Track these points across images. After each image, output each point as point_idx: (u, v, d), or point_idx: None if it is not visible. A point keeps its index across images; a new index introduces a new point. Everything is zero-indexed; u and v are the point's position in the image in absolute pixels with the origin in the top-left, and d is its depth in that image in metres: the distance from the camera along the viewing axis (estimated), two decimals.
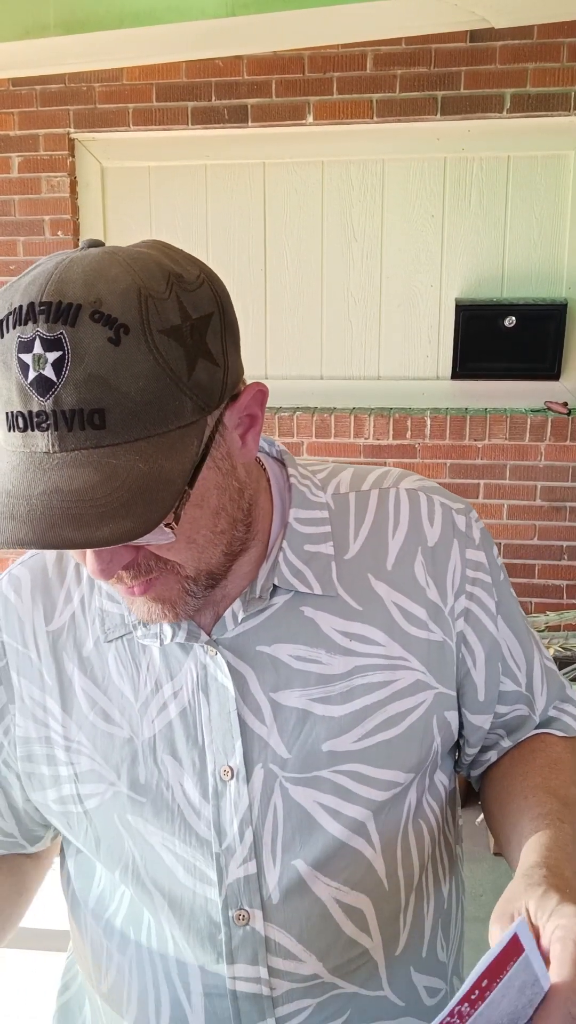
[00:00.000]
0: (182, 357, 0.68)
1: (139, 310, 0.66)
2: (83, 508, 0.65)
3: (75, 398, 0.65)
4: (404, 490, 0.90)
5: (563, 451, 3.28)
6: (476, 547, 0.89)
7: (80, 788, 0.87)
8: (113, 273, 0.67)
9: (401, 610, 0.86)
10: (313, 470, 0.93)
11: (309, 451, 3.41)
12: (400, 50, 3.11)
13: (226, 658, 0.83)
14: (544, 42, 3.04)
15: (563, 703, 0.97)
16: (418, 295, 3.41)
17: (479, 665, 0.89)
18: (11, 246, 3.49)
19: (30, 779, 0.90)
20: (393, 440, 3.35)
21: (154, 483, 0.67)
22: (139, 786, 0.85)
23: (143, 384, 0.66)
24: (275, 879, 0.83)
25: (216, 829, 0.83)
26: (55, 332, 0.65)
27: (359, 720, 0.83)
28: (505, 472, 3.33)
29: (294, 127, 3.25)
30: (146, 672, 0.86)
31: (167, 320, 0.67)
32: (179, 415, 0.69)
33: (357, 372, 3.50)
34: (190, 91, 3.26)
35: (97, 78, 3.30)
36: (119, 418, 0.66)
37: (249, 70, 3.21)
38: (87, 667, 0.87)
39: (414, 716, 0.85)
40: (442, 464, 3.35)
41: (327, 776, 0.83)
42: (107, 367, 0.65)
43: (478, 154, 3.26)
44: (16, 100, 3.38)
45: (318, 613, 0.84)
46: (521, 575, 3.41)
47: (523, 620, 0.94)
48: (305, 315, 3.48)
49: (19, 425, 0.67)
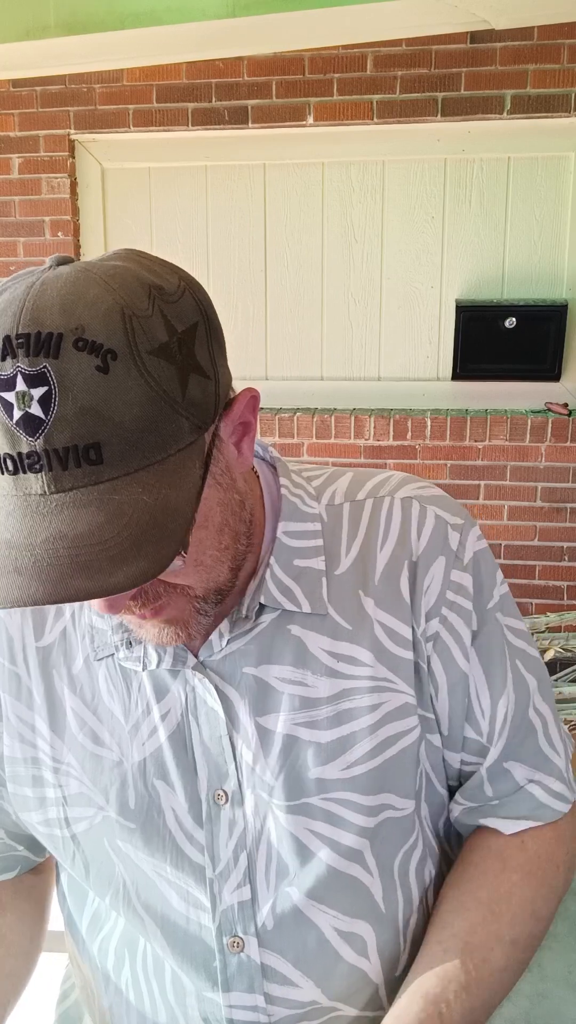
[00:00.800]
0: (174, 376, 0.64)
1: (125, 332, 0.62)
2: (92, 553, 0.60)
3: (67, 434, 0.60)
4: (399, 499, 0.85)
5: (563, 452, 3.27)
6: (463, 568, 0.82)
7: (68, 812, 0.84)
8: (92, 294, 0.62)
9: (386, 629, 0.81)
10: (309, 476, 0.88)
11: (309, 452, 3.40)
12: (400, 51, 3.11)
13: (213, 681, 0.80)
14: (544, 43, 3.05)
15: (545, 776, 0.85)
16: (418, 296, 3.41)
17: (441, 696, 0.82)
18: (11, 247, 3.49)
19: (14, 799, 0.88)
20: (393, 441, 3.34)
21: (162, 516, 0.63)
22: (128, 811, 0.82)
23: (137, 411, 0.62)
24: (269, 906, 0.80)
25: (210, 854, 0.81)
26: (38, 366, 0.60)
27: (347, 746, 0.79)
28: (505, 473, 3.33)
29: (294, 128, 3.25)
30: (137, 693, 0.82)
31: (154, 339, 0.63)
32: (177, 438, 0.65)
33: (357, 373, 3.50)
34: (190, 92, 3.26)
35: (97, 79, 3.30)
36: (116, 450, 0.62)
37: (249, 71, 3.21)
38: (77, 686, 0.84)
39: (406, 740, 0.81)
40: (442, 465, 3.35)
41: (317, 804, 0.79)
42: (98, 398, 0.61)
43: (478, 155, 3.26)
44: (16, 101, 3.38)
45: (306, 632, 0.80)
46: (522, 576, 3.41)
47: (505, 662, 0.84)
48: (305, 316, 3.48)
49: (8, 468, 0.62)
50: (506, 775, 0.84)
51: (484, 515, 3.37)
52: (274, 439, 3.41)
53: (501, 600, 0.85)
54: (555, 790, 0.85)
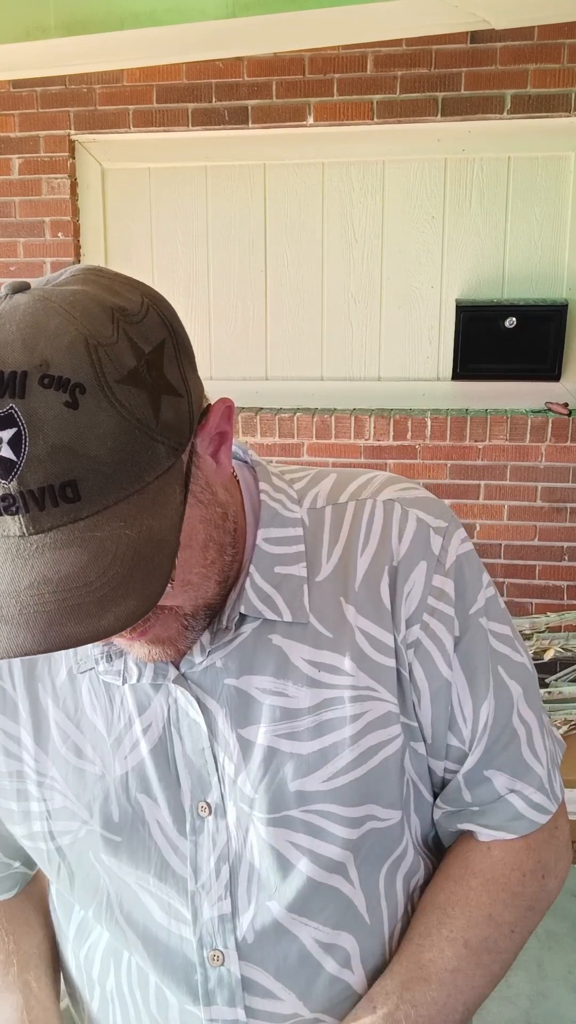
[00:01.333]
0: (146, 402, 0.62)
1: (92, 364, 0.60)
2: (79, 596, 0.59)
3: (41, 474, 0.59)
4: (381, 501, 0.82)
5: (564, 452, 3.27)
6: (445, 573, 0.80)
7: (52, 825, 0.84)
8: (53, 326, 0.60)
9: (367, 636, 0.79)
10: (291, 479, 0.86)
11: (309, 452, 3.41)
12: (400, 51, 3.11)
13: (195, 693, 0.79)
14: (544, 43, 3.04)
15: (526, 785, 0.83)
16: (418, 296, 3.41)
17: (424, 704, 0.81)
18: (12, 248, 3.49)
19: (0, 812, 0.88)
20: (394, 441, 3.34)
21: (146, 548, 0.62)
22: (112, 824, 0.81)
23: (112, 444, 0.60)
24: (249, 919, 0.80)
25: (192, 866, 0.80)
26: (4, 407, 0.58)
27: (328, 758, 0.78)
28: (506, 473, 3.33)
29: (295, 128, 3.25)
30: (120, 706, 0.81)
31: (122, 366, 0.61)
32: (154, 464, 0.63)
33: (357, 373, 3.50)
34: (190, 92, 3.26)
35: (97, 80, 3.30)
36: (93, 485, 0.60)
37: (249, 71, 3.21)
38: (60, 699, 0.83)
39: (389, 750, 0.79)
40: (443, 465, 3.35)
41: (298, 816, 0.78)
42: (70, 435, 0.59)
43: (478, 155, 3.26)
44: (16, 102, 3.38)
45: (287, 642, 0.78)
46: (522, 576, 3.41)
47: (488, 668, 0.82)
48: (305, 316, 3.48)
49: None
50: (486, 783, 0.83)
51: (484, 515, 3.38)
52: (274, 439, 3.41)
53: (486, 604, 0.83)
54: (535, 801, 0.84)
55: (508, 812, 0.83)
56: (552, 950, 2.42)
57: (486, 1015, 2.21)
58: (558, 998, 2.27)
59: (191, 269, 3.46)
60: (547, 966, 2.37)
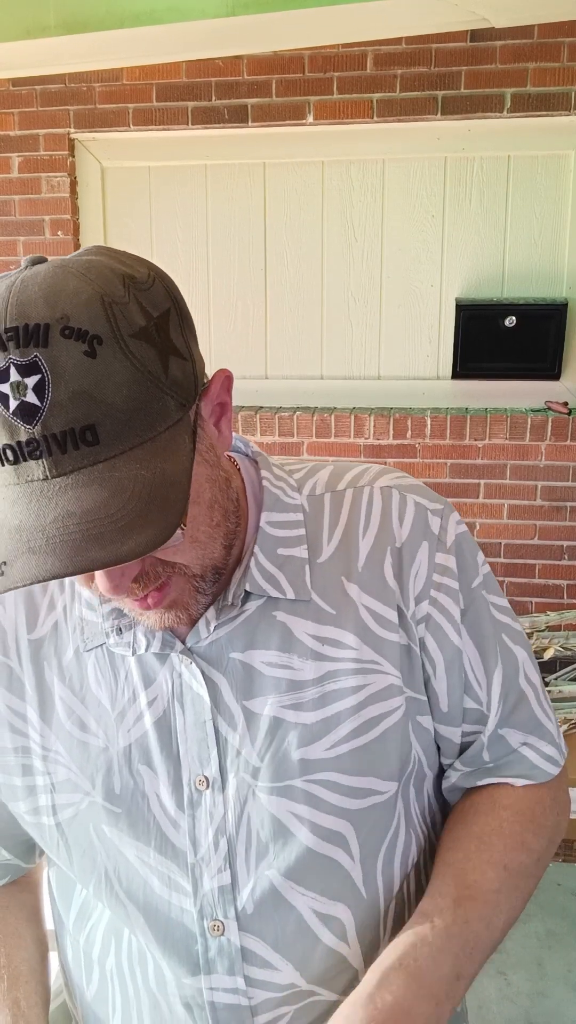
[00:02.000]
0: (156, 358, 0.68)
1: (107, 318, 0.65)
2: (102, 526, 0.63)
3: (63, 419, 0.64)
4: (378, 488, 0.89)
5: (563, 451, 3.28)
6: (447, 551, 0.86)
7: (56, 798, 0.86)
8: (72, 286, 0.66)
9: (372, 613, 0.84)
10: (290, 470, 0.92)
11: (309, 451, 3.41)
12: (400, 50, 3.11)
13: (200, 667, 0.83)
14: (545, 42, 3.04)
15: (538, 740, 0.90)
16: (418, 295, 3.41)
17: (439, 674, 0.86)
18: (11, 246, 3.49)
19: (4, 789, 0.90)
20: (393, 440, 3.34)
21: (161, 488, 0.66)
22: (114, 796, 0.83)
23: (126, 392, 0.65)
24: (248, 889, 0.81)
25: (191, 839, 0.82)
26: (29, 356, 0.63)
27: (332, 727, 0.82)
28: (505, 472, 3.33)
29: (294, 127, 3.25)
30: (124, 681, 0.85)
31: (134, 323, 0.67)
32: (165, 416, 0.68)
33: (357, 372, 3.50)
34: (190, 91, 3.26)
35: (97, 78, 3.30)
36: (111, 430, 0.65)
37: (249, 70, 3.21)
38: (66, 676, 0.86)
39: (389, 721, 0.83)
40: (442, 464, 3.35)
41: (300, 786, 0.81)
42: (89, 381, 0.64)
43: (478, 154, 3.26)
44: (16, 100, 3.38)
45: (291, 618, 0.83)
46: (521, 575, 3.41)
47: (494, 635, 0.89)
48: (305, 315, 3.48)
49: (8, 458, 0.65)
50: (501, 741, 0.89)
51: (484, 514, 3.38)
52: (274, 438, 3.41)
53: (484, 579, 0.89)
54: (547, 753, 0.90)
55: (524, 764, 0.90)
56: (552, 949, 2.42)
57: (486, 1014, 2.21)
58: (558, 997, 2.27)
59: (191, 267, 3.46)
60: (547, 965, 2.37)
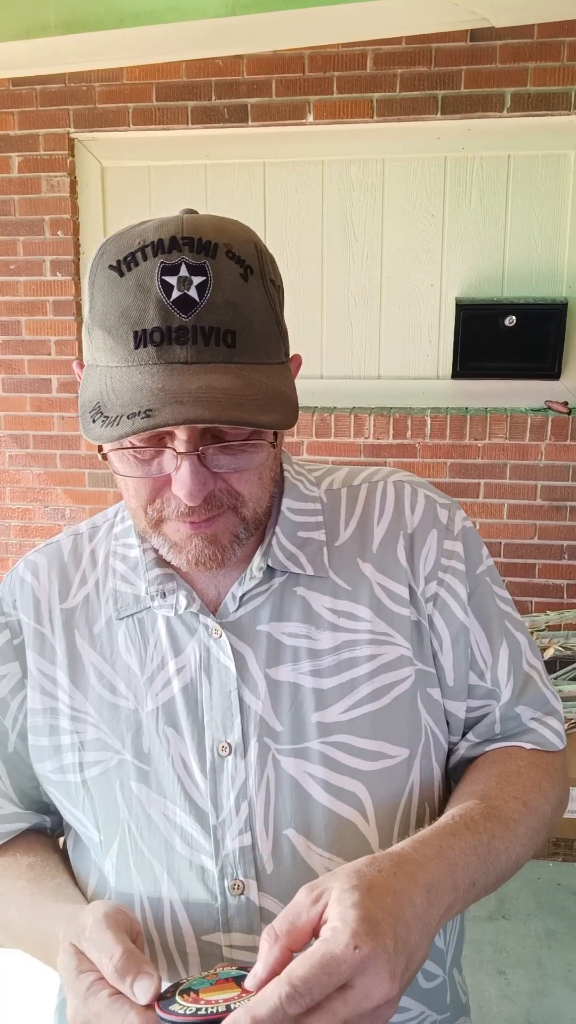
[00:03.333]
0: (279, 306, 0.81)
1: (257, 259, 0.78)
2: (240, 400, 0.73)
3: (214, 317, 0.74)
4: (392, 482, 0.97)
5: (563, 450, 3.28)
6: (454, 538, 0.93)
7: (83, 756, 0.90)
8: (234, 228, 0.79)
9: (385, 590, 0.91)
10: (309, 468, 1.00)
11: (309, 451, 3.41)
12: (400, 49, 3.11)
13: (229, 640, 0.89)
14: (544, 41, 3.04)
15: (546, 716, 0.96)
16: (418, 294, 3.41)
17: (445, 648, 0.92)
18: (11, 246, 3.49)
19: (32, 750, 0.94)
20: (393, 439, 3.35)
21: (280, 395, 0.77)
22: (143, 755, 0.88)
23: (261, 318, 0.77)
24: (268, 849, 0.85)
25: (213, 802, 0.86)
26: (200, 260, 0.74)
27: (346, 692, 0.87)
28: (505, 471, 3.33)
29: (294, 126, 3.25)
30: (153, 649, 0.91)
31: (274, 273, 0.81)
32: (278, 353, 0.80)
33: (357, 371, 3.50)
34: (190, 91, 3.26)
35: (97, 78, 3.30)
36: (246, 341, 0.75)
37: (249, 69, 3.21)
38: (97, 643, 0.93)
39: (399, 689, 0.89)
40: (442, 464, 3.35)
41: (316, 747, 0.86)
42: (240, 297, 0.75)
43: (478, 153, 3.26)
44: (16, 100, 3.38)
45: (310, 593, 0.90)
46: (521, 574, 3.41)
47: (499, 620, 0.95)
48: (305, 314, 3.48)
49: (154, 339, 0.73)
50: (516, 718, 0.94)
51: (484, 514, 3.38)
52: None
53: (488, 569, 0.96)
54: (555, 728, 0.95)
55: (534, 735, 0.95)
56: (552, 949, 2.42)
57: (486, 1014, 2.21)
58: (558, 996, 2.27)
59: None
60: (547, 964, 2.37)
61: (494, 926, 2.50)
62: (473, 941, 2.44)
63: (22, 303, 3.52)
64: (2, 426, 3.66)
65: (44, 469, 3.66)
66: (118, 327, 0.75)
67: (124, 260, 0.75)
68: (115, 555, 0.95)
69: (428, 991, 0.91)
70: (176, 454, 0.77)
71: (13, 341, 3.57)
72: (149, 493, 0.82)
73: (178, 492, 0.78)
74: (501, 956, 2.39)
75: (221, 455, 0.79)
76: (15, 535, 3.75)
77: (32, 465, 3.67)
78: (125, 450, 0.79)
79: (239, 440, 0.79)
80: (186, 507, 0.80)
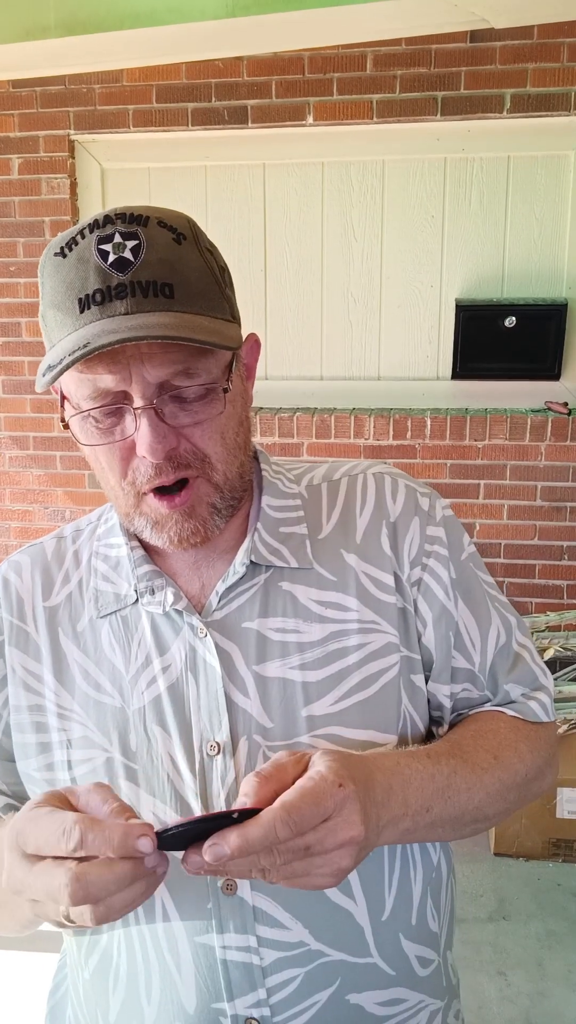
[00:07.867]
0: (219, 271, 0.84)
1: (190, 229, 0.83)
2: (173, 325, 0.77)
3: (149, 272, 0.78)
4: (371, 474, 0.98)
5: (563, 451, 3.28)
6: (436, 524, 0.95)
7: (72, 754, 0.90)
8: (167, 209, 0.84)
9: (370, 578, 0.92)
10: (288, 467, 1.02)
11: (309, 452, 3.41)
12: (400, 51, 3.11)
13: (214, 639, 0.89)
14: (544, 42, 3.05)
15: (534, 691, 0.98)
16: (418, 295, 3.41)
17: (428, 630, 0.93)
18: (11, 247, 3.49)
19: (16, 748, 0.94)
20: (393, 440, 3.35)
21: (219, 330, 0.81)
22: (131, 753, 0.88)
23: (198, 276, 0.81)
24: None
25: (203, 801, 0.86)
26: (131, 228, 0.80)
27: (336, 683, 0.88)
28: (505, 472, 3.33)
29: (294, 128, 3.25)
30: (137, 647, 0.91)
31: (209, 243, 0.85)
32: (222, 311, 0.83)
33: (357, 372, 3.50)
34: (190, 92, 3.27)
35: (97, 80, 3.30)
36: (184, 293, 0.79)
37: (249, 71, 3.21)
38: (81, 641, 0.93)
39: (387, 677, 0.90)
40: (442, 464, 3.35)
41: (306, 741, 0.86)
42: (174, 256, 0.80)
43: (478, 154, 3.26)
44: (16, 102, 3.39)
45: (295, 586, 0.91)
46: (521, 575, 3.41)
47: (487, 602, 0.97)
48: (305, 316, 3.48)
49: (96, 300, 0.78)
50: (503, 693, 0.97)
51: (484, 514, 3.38)
52: (274, 439, 3.41)
53: (471, 555, 0.98)
54: (542, 701, 0.97)
55: (518, 705, 0.97)
56: (552, 949, 2.42)
57: (486, 1014, 2.21)
58: (558, 997, 2.27)
59: None
60: (547, 965, 2.37)
61: (494, 927, 2.50)
62: (473, 942, 2.44)
63: (22, 305, 3.52)
64: (2, 428, 3.66)
65: (44, 471, 3.67)
66: (65, 300, 0.80)
67: (66, 244, 0.81)
68: (97, 555, 0.97)
69: (424, 978, 0.91)
70: (133, 412, 0.80)
71: (13, 343, 3.57)
72: (120, 464, 0.84)
73: (141, 451, 0.81)
74: (501, 957, 2.39)
75: (180, 412, 0.82)
76: (15, 536, 3.75)
77: (32, 467, 3.68)
78: (85, 418, 0.82)
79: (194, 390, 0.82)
80: (154, 468, 0.82)
